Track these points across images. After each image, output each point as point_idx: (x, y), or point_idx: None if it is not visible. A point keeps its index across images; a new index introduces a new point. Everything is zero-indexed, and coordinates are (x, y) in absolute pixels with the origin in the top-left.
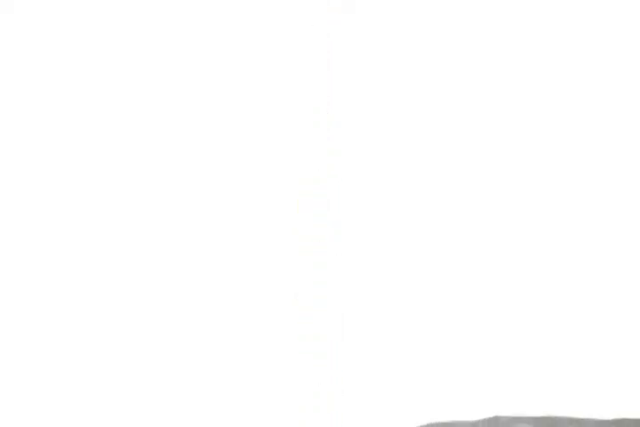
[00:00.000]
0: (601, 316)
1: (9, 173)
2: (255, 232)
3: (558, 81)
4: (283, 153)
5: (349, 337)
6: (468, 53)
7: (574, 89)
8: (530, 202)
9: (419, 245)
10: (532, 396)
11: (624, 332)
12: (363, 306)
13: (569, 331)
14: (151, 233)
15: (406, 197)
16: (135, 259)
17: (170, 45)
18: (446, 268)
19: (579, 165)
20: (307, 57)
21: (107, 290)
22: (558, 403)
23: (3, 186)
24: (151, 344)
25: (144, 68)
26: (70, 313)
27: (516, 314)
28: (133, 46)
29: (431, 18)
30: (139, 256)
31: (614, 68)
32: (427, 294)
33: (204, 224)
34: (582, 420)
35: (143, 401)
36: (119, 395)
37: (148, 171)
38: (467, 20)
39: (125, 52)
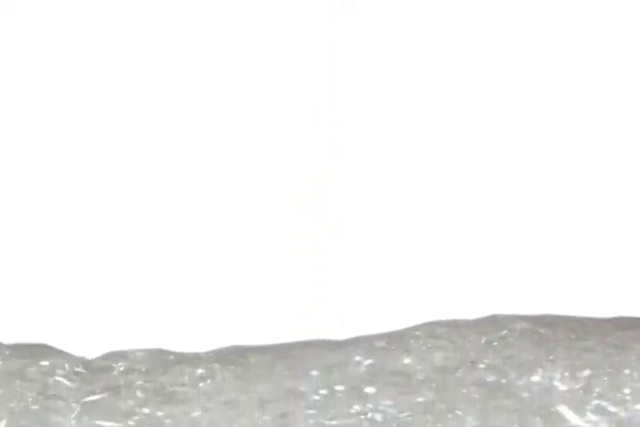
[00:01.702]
0: (602, 204)
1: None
2: (255, 232)
3: (568, 79)
4: (283, 153)
5: (350, 327)
6: (470, 54)
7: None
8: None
9: (419, 245)
10: (530, 294)
11: (625, 224)
12: (362, 306)
13: (565, 217)
14: (150, 231)
15: (407, 197)
16: (134, 262)
17: (168, 45)
18: (446, 267)
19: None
20: (307, 57)
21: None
22: (557, 301)
23: None
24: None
25: (142, 69)
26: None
27: (508, 197)
28: (132, 47)
29: (432, 18)
30: (138, 257)
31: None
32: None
33: (203, 224)
34: (581, 318)
35: None
36: None
37: (147, 170)
38: (469, 21)
39: (123, 53)
